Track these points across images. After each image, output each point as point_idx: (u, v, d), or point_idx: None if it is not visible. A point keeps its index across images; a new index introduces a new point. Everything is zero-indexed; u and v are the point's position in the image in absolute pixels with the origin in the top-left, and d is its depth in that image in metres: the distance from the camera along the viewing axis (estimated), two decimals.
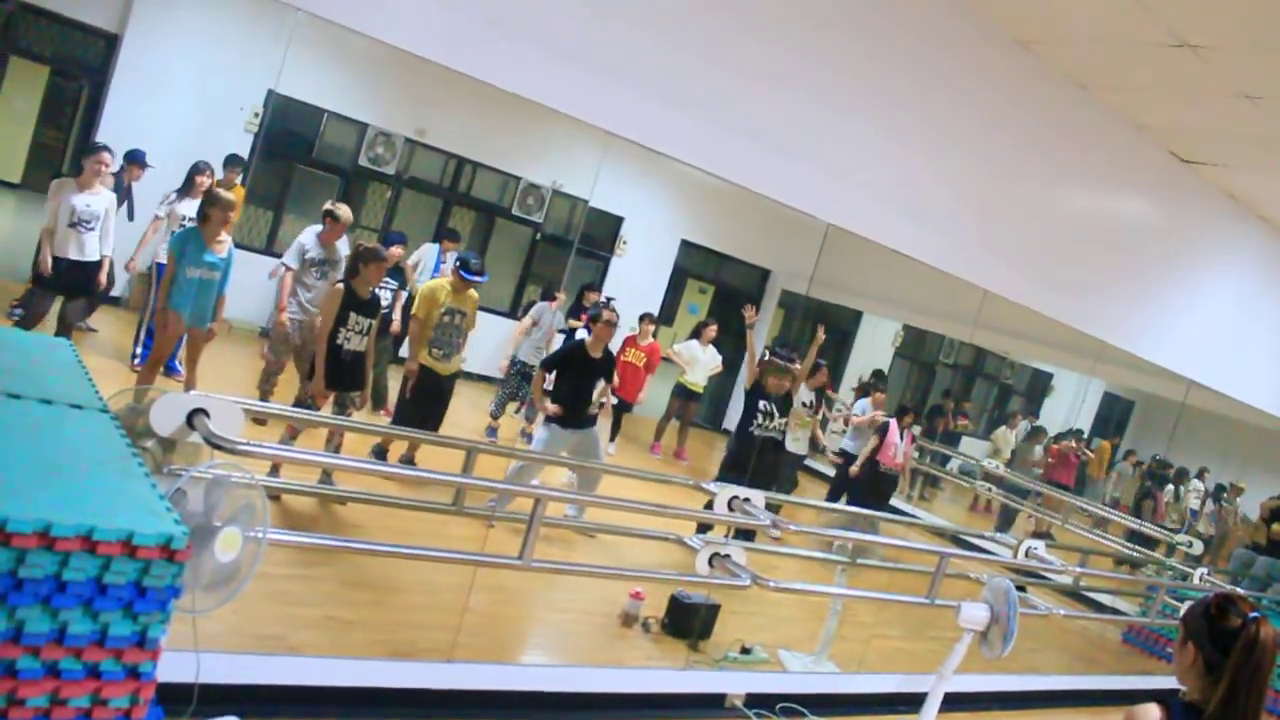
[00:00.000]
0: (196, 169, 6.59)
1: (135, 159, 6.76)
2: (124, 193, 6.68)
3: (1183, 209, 6.93)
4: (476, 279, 6.44)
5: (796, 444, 8.07)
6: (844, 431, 9.15)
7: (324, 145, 8.46)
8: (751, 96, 4.55)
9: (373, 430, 6.42)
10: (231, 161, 7.04)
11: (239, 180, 7.06)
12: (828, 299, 9.94)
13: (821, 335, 7.73)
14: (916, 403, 11.21)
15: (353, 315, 5.86)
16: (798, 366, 7.30)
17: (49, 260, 5.83)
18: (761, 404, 6.98)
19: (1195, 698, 2.49)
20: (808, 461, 8.89)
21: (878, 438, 8.30)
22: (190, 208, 6.41)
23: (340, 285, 5.87)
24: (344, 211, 6.43)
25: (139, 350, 6.57)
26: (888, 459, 8.24)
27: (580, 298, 8.55)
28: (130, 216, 6.64)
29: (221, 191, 5.77)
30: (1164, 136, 6.25)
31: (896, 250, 5.33)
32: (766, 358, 8.09)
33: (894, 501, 8.75)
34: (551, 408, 6.57)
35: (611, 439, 8.68)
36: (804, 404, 8.00)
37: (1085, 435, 11.37)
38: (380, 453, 6.51)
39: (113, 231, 6.08)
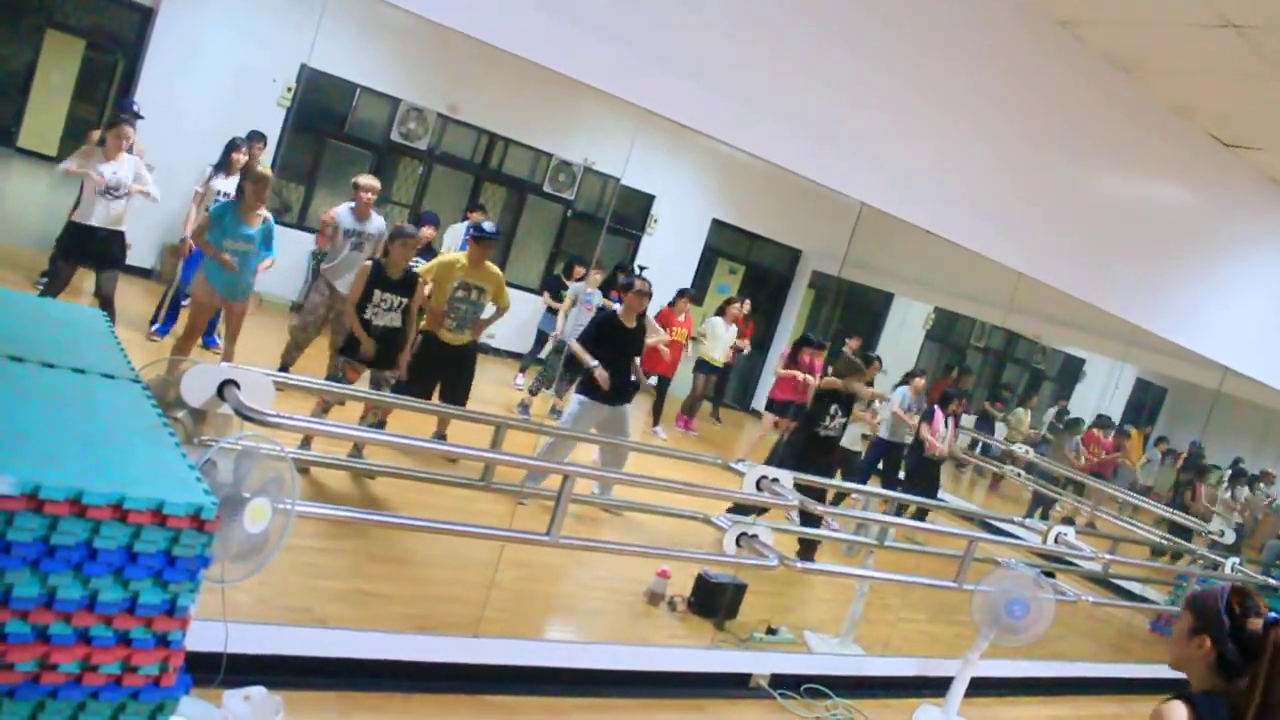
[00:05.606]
0: (233, 145, 6.59)
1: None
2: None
3: (1223, 193, 6.82)
4: (489, 235, 6.29)
5: (854, 440, 8.04)
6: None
7: (356, 120, 8.47)
8: (786, 74, 4.50)
9: (402, 405, 6.41)
10: (254, 137, 7.04)
11: (262, 155, 7.05)
12: (859, 280, 9.87)
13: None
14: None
15: (378, 292, 5.85)
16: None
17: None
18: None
19: (1205, 688, 2.49)
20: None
21: (925, 425, 8.27)
22: (227, 184, 6.43)
23: (369, 263, 5.87)
24: (366, 180, 6.40)
25: (159, 322, 6.60)
26: (933, 446, 8.21)
27: (613, 277, 8.52)
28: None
29: (259, 167, 5.78)
30: (1206, 120, 6.14)
31: (930, 231, 5.28)
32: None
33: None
34: (602, 373, 6.48)
35: (655, 422, 8.68)
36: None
37: (1115, 423, 11.25)
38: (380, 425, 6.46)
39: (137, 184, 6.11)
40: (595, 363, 6.51)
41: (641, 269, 7.95)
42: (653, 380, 8.37)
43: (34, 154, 8.12)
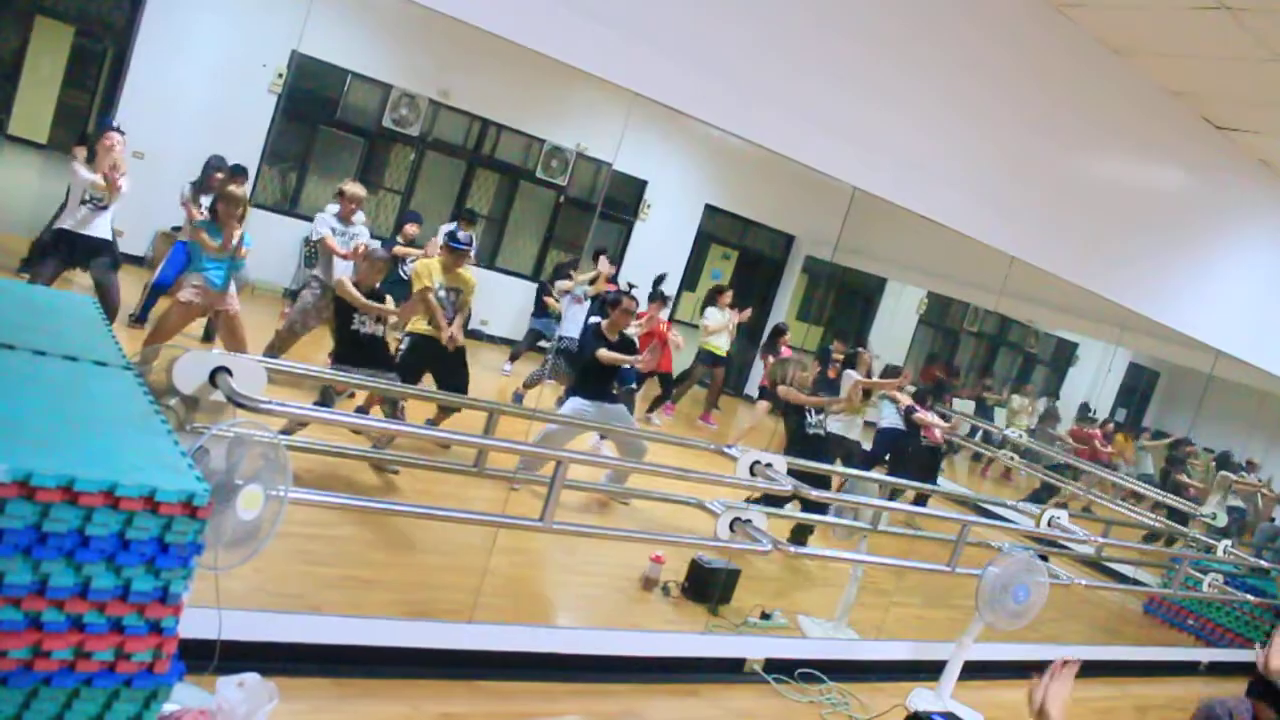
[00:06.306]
0: (212, 166, 6.57)
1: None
2: None
3: (1215, 176, 6.82)
4: (463, 247, 6.39)
5: (853, 430, 8.11)
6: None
7: (347, 106, 8.43)
8: (779, 59, 4.49)
9: (403, 393, 6.39)
10: (237, 170, 6.98)
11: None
12: (852, 265, 9.87)
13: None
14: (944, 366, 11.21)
15: (357, 314, 5.95)
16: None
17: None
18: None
19: None
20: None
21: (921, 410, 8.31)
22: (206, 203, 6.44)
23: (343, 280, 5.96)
24: (352, 188, 6.43)
25: (137, 310, 6.59)
26: (930, 433, 8.24)
27: (594, 260, 8.49)
28: None
29: (232, 189, 5.87)
30: (1197, 102, 6.14)
31: (923, 216, 5.27)
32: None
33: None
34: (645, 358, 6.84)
35: (651, 409, 8.70)
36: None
37: (1096, 414, 11.27)
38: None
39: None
40: (627, 359, 6.76)
41: (631, 286, 7.97)
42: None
43: (23, 141, 8.09)
